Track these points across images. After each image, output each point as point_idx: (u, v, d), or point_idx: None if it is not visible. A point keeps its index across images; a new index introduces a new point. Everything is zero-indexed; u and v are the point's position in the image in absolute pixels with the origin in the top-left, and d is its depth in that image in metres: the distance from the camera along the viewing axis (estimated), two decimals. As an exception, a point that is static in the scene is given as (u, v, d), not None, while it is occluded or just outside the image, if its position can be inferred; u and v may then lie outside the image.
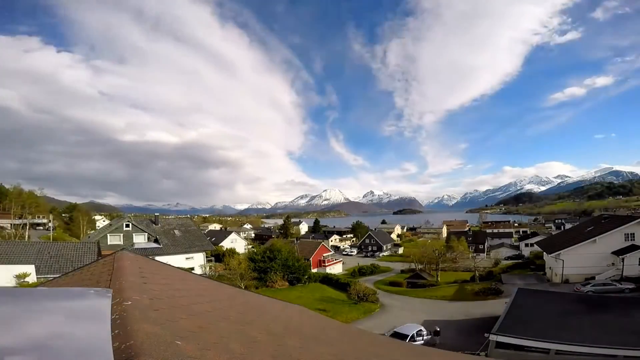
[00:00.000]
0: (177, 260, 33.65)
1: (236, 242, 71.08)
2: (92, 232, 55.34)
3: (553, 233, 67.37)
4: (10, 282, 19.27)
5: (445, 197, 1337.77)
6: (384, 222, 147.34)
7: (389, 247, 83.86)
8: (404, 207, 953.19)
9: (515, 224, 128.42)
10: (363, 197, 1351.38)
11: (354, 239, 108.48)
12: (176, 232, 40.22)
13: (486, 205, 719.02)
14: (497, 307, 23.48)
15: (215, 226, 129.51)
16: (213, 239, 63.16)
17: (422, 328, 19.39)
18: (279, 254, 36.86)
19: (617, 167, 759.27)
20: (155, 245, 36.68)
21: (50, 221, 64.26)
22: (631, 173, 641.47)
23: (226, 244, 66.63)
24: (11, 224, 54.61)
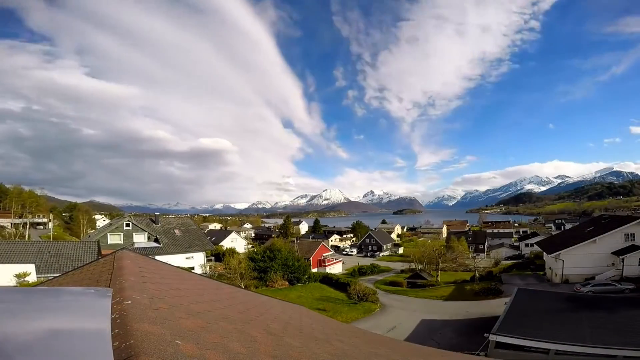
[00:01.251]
0: (177, 260, 33.67)
1: (236, 242, 71.13)
2: (92, 231, 55.38)
3: (553, 233, 67.36)
4: (11, 282, 19.27)
5: (445, 197, 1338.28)
6: (384, 222, 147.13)
7: (389, 247, 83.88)
8: (404, 207, 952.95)
9: (515, 224, 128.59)
10: (363, 197, 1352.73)
11: (354, 238, 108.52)
12: (176, 231, 40.25)
13: (486, 205, 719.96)
14: (497, 307, 23.51)
15: (215, 226, 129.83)
16: (213, 238, 63.21)
17: None
18: (279, 254, 36.87)
19: (617, 167, 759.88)
20: (155, 244, 36.71)
21: (50, 220, 64.36)
22: (631, 173, 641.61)
23: (226, 243, 66.67)
24: (11, 223, 54.74)
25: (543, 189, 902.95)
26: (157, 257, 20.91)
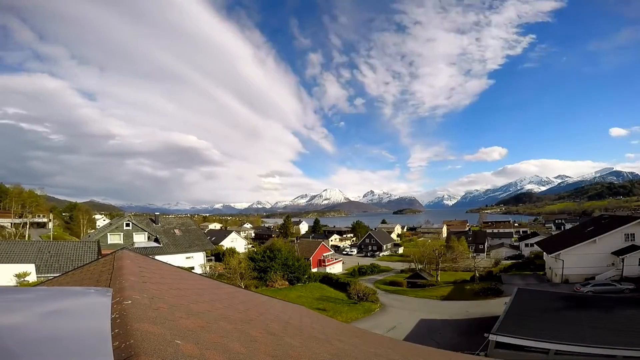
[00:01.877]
0: (177, 260, 33.69)
1: (236, 242, 71.16)
2: (92, 231, 55.39)
3: (553, 233, 67.37)
4: (11, 282, 19.27)
5: (446, 196, 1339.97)
6: (384, 221, 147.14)
7: (389, 247, 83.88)
8: (404, 207, 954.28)
9: (515, 224, 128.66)
10: (363, 196, 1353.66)
11: (354, 238, 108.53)
12: (176, 231, 40.25)
13: (486, 205, 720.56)
14: (497, 307, 23.50)
15: (216, 225, 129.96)
16: (213, 238, 63.23)
17: None
18: (279, 254, 36.86)
19: (617, 167, 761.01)
20: (155, 244, 36.70)
21: (50, 220, 64.36)
22: (631, 173, 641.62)
23: (226, 243, 66.69)
24: (11, 223, 54.66)
25: (543, 188, 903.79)
26: (157, 257, 20.91)
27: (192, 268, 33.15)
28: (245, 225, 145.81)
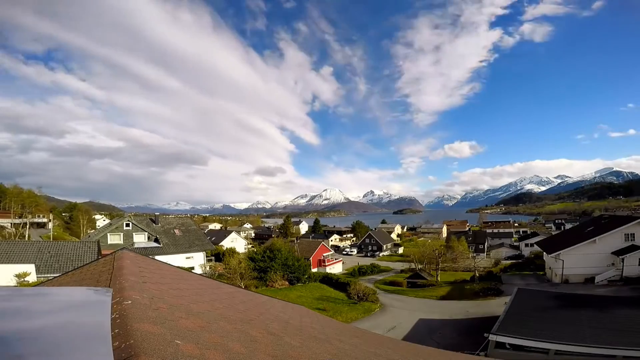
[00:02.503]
0: (177, 260, 33.68)
1: (236, 242, 71.16)
2: (92, 231, 55.38)
3: (553, 233, 67.37)
4: (11, 282, 19.27)
5: (445, 197, 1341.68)
6: (384, 221, 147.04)
7: (389, 247, 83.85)
8: (404, 207, 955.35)
9: (515, 224, 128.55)
10: (363, 196, 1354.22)
11: (354, 238, 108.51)
12: (176, 231, 40.23)
13: (486, 205, 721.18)
14: (497, 307, 23.53)
15: (216, 226, 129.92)
16: (213, 238, 63.22)
17: None
18: (279, 254, 36.85)
19: (617, 167, 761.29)
20: (155, 244, 36.69)
21: (50, 220, 64.37)
22: (631, 173, 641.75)
23: (226, 243, 66.69)
24: (11, 223, 54.63)
25: (543, 188, 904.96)
26: (157, 257, 20.92)
27: (192, 268, 33.14)
28: (245, 226, 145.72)
